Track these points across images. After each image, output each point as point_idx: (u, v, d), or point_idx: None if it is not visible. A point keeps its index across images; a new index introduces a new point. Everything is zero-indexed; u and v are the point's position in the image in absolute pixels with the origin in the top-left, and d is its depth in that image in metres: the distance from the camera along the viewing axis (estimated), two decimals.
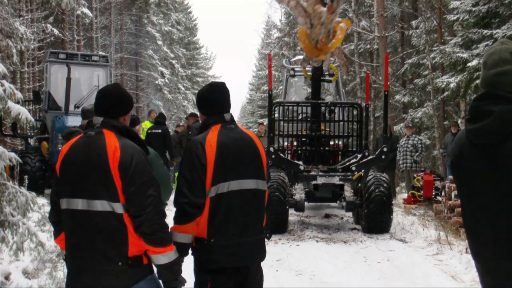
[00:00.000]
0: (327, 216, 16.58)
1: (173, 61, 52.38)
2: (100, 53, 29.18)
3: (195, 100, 44.84)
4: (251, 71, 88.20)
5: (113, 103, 4.56)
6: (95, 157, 4.28)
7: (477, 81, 18.44)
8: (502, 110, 3.44)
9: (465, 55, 19.95)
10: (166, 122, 20.27)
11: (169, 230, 4.56)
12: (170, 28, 51.80)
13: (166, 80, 48.84)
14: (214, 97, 5.08)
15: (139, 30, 46.47)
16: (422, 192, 18.75)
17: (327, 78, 16.24)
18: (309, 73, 15.53)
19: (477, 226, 3.64)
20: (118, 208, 4.24)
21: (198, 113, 5.32)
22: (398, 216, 15.34)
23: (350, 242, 12.78)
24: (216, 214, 4.79)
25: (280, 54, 54.36)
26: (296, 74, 18.22)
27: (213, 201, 4.79)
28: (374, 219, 13.54)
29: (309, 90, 16.18)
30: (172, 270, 4.46)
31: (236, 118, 6.89)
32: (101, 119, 4.49)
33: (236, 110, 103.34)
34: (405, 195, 20.58)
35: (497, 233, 3.48)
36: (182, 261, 4.72)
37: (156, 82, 47.42)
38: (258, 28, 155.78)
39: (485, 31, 19.16)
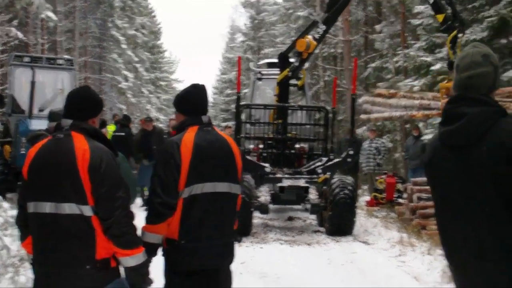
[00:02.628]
0: (290, 218, 16.64)
1: (137, 65, 52.16)
2: (65, 56, 28.97)
3: (158, 104, 44.64)
4: (214, 75, 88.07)
5: (82, 105, 4.53)
6: (64, 159, 4.25)
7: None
8: (475, 112, 3.49)
9: (429, 59, 20.17)
10: (131, 125, 20.18)
11: (138, 231, 4.57)
12: (134, 32, 51.51)
13: (130, 84, 48.63)
14: (194, 98, 5.08)
15: (104, 33, 46.10)
16: (384, 194, 18.88)
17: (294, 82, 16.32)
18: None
19: (450, 226, 3.69)
20: (87, 210, 4.21)
21: (174, 113, 5.29)
22: (361, 219, 15.41)
23: (314, 245, 12.86)
24: (188, 216, 4.77)
25: (244, 58, 54.40)
26: (263, 77, 18.27)
27: (186, 202, 4.76)
28: (338, 222, 13.64)
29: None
30: (141, 272, 4.45)
31: None
32: (70, 122, 4.45)
33: None
34: (367, 198, 20.67)
35: (468, 233, 3.53)
36: (150, 261, 4.70)
37: (120, 85, 47.14)
38: (223, 32, 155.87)
39: None
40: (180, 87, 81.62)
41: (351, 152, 14.04)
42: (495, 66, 3.68)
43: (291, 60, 16.01)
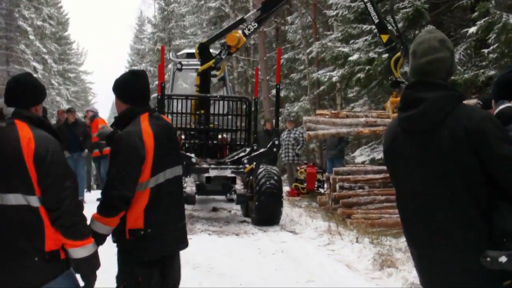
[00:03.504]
0: (214, 209, 16.63)
1: (46, 56, 51.07)
2: None
3: (68, 96, 43.78)
4: (123, 67, 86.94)
5: (25, 92, 4.36)
6: (9, 149, 4.07)
7: (359, 75, 18.98)
8: (435, 97, 3.52)
9: (346, 50, 20.45)
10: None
11: (89, 220, 4.47)
12: (41, 22, 50.38)
13: (39, 75, 47.55)
14: (140, 85, 5.00)
15: (10, 24, 45.00)
16: (305, 184, 19.06)
17: (213, 72, 16.26)
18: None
19: (413, 212, 3.70)
20: (34, 201, 4.06)
21: (117, 101, 5.17)
22: (285, 208, 15.44)
23: (242, 235, 12.87)
24: (155, 204, 4.75)
25: (155, 49, 54.07)
26: (183, 68, 18.11)
27: (153, 191, 4.74)
28: (265, 211, 13.71)
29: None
30: (91, 264, 4.33)
31: (107, 114, 6.61)
32: (12, 110, 4.27)
33: (107, 106, 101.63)
34: (287, 188, 20.81)
35: (432, 219, 3.56)
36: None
37: None
38: (131, 23, 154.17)
39: (365, 26, 19.68)
40: (89, 79, 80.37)
41: (276, 142, 14.09)
42: (451, 51, 3.73)
43: (211, 50, 15.97)
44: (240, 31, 15.30)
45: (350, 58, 19.67)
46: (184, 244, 5.16)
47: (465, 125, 3.41)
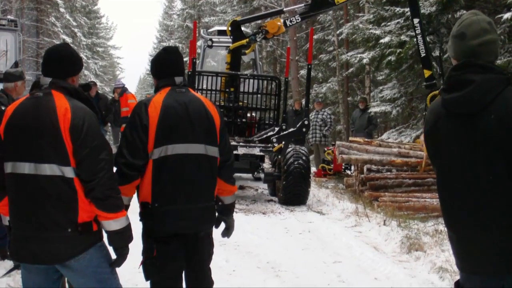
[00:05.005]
0: (241, 187, 16.60)
1: (75, 30, 51.06)
2: (9, 17, 28.13)
3: (96, 71, 43.96)
4: (151, 43, 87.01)
5: (62, 63, 4.35)
6: (45, 119, 4.07)
7: (389, 57, 18.81)
8: (483, 79, 3.43)
9: (377, 32, 20.28)
10: None
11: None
12: None
13: None
14: (165, 60, 4.99)
15: None
16: (332, 165, 19.02)
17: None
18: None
19: (453, 195, 3.62)
20: (68, 172, 4.07)
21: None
22: (312, 189, 15.41)
23: (269, 214, 12.89)
24: (160, 178, 4.69)
25: (184, 26, 54.00)
26: (213, 44, 18.05)
27: (156, 163, 4.68)
28: (292, 191, 13.70)
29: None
30: (124, 236, 4.32)
31: (134, 90, 6.63)
32: (49, 80, 4.27)
33: (134, 82, 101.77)
34: (313, 169, 20.76)
35: (473, 202, 3.48)
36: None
37: None
38: None
39: (397, 9, 19.46)
40: (117, 53, 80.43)
41: (306, 122, 14.03)
42: (497, 34, 3.65)
43: (243, 29, 15.91)
44: (281, 20, 15.19)
45: (381, 41, 19.48)
46: (206, 225, 5.03)
47: None
